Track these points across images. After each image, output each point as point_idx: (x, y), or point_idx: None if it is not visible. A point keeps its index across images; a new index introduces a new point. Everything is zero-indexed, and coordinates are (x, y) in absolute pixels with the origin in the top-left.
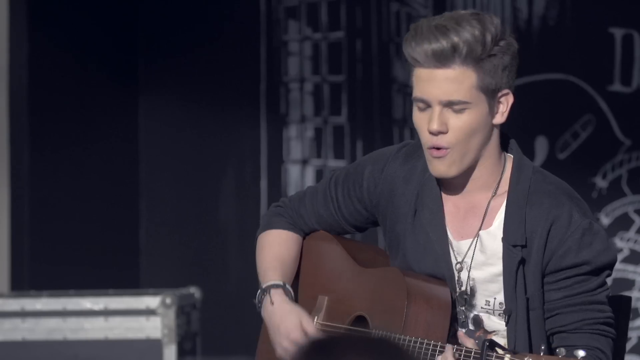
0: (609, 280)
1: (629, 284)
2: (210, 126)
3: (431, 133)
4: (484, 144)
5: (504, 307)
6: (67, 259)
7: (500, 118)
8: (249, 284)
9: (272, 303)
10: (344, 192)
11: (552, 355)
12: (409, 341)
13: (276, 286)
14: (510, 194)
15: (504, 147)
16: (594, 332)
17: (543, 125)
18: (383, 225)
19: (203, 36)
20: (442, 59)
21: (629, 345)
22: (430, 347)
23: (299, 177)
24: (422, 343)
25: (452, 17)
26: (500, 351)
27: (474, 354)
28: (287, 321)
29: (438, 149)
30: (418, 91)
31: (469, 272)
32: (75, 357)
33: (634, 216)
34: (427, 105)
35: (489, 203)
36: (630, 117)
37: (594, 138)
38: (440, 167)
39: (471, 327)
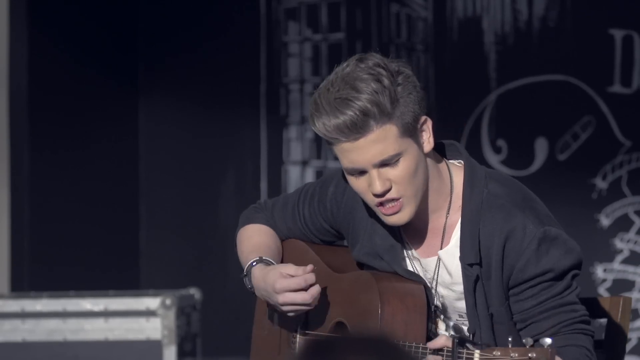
0: (577, 280)
1: (629, 285)
2: (210, 127)
3: (376, 195)
4: (427, 177)
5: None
6: (67, 260)
7: (428, 146)
8: None
9: (255, 269)
10: (310, 210)
11: (520, 347)
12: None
13: (255, 262)
14: (463, 211)
15: (447, 154)
16: (574, 331)
17: (543, 126)
18: (349, 245)
19: (203, 37)
20: (358, 129)
21: (629, 346)
22: (412, 348)
23: (299, 178)
24: (403, 345)
25: (345, 81)
26: (470, 347)
27: (446, 351)
28: (269, 280)
29: (391, 204)
30: (348, 162)
31: (436, 289)
32: (75, 358)
33: (634, 217)
34: (362, 172)
35: (445, 223)
36: (630, 118)
37: (594, 139)
38: (396, 219)
39: (453, 332)
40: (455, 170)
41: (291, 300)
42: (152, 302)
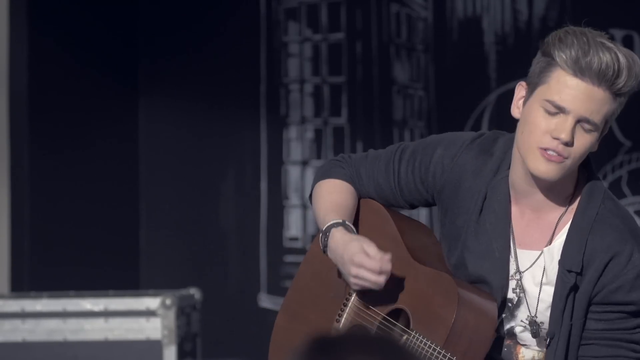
0: None
1: None
2: (210, 127)
3: (557, 139)
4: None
5: (546, 329)
6: (67, 260)
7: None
8: (249, 285)
9: (336, 232)
10: (407, 169)
11: None
12: (439, 353)
13: (336, 224)
14: (575, 217)
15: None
16: None
17: None
18: (442, 214)
19: (203, 37)
20: (602, 78)
21: None
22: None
23: (299, 178)
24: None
25: (613, 43)
26: None
27: None
28: (349, 249)
29: (554, 153)
30: (558, 97)
31: (523, 283)
32: (75, 358)
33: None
34: (560, 112)
35: (558, 221)
36: (630, 118)
37: None
38: (549, 168)
39: (503, 334)
40: (582, 177)
41: (362, 276)
42: (152, 302)
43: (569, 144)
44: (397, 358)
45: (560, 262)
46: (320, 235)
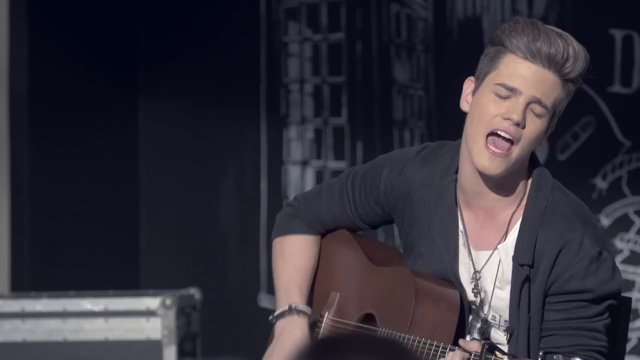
0: (610, 312)
1: (629, 285)
2: (210, 127)
3: (507, 119)
4: (526, 159)
5: (507, 324)
6: (67, 260)
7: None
8: (249, 285)
9: (298, 328)
10: (360, 193)
11: None
12: (414, 341)
13: (305, 313)
14: (526, 211)
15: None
16: (586, 358)
17: None
18: (399, 227)
19: (203, 38)
20: (552, 62)
21: (629, 346)
22: (433, 347)
23: (299, 178)
24: (425, 343)
25: (564, 33)
26: (499, 354)
27: (474, 356)
28: (277, 348)
29: (500, 147)
30: (509, 79)
31: (482, 284)
32: (75, 358)
33: (634, 217)
34: (511, 95)
35: (510, 219)
36: (630, 118)
37: (594, 139)
38: (493, 164)
39: (476, 336)
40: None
41: None
42: (152, 302)
43: (520, 124)
44: (398, 357)
45: (514, 257)
46: (285, 309)
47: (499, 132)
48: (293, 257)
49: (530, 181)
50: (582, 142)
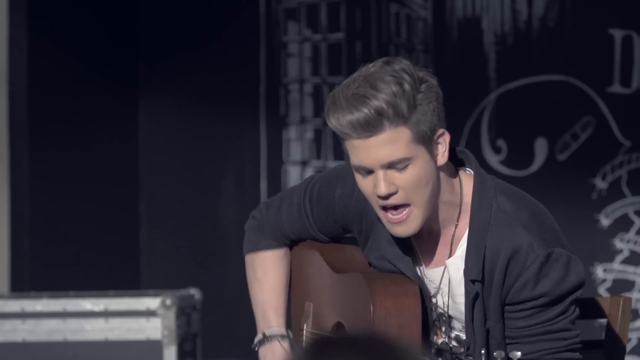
0: (574, 304)
1: (629, 285)
2: (210, 127)
3: (380, 197)
4: (437, 189)
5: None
6: (67, 260)
7: (442, 159)
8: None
9: (278, 355)
10: (318, 210)
11: None
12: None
13: (283, 337)
14: (471, 224)
15: (456, 162)
16: None
17: (543, 126)
18: (358, 241)
19: (203, 38)
20: (370, 128)
21: (629, 347)
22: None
23: (298, 178)
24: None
25: (366, 79)
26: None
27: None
28: None
29: (396, 214)
30: (357, 160)
31: (446, 298)
32: (75, 358)
33: (633, 217)
34: (370, 171)
35: (454, 231)
36: (630, 118)
37: (594, 139)
38: (402, 229)
39: (455, 343)
40: (466, 180)
41: None
42: (152, 302)
43: (393, 192)
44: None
45: (464, 273)
46: (263, 337)
47: (390, 214)
48: (265, 275)
49: (466, 189)
50: (582, 142)
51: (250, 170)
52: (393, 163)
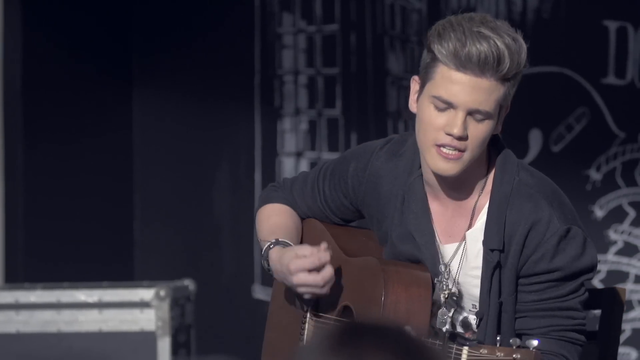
0: (586, 286)
1: (623, 276)
2: (204, 119)
3: (450, 135)
4: (483, 151)
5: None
6: (61, 252)
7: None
8: (243, 277)
9: (274, 250)
10: (330, 187)
11: (507, 346)
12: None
13: (271, 245)
14: (492, 196)
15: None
16: (561, 338)
17: (537, 118)
18: (370, 222)
19: (197, 29)
20: (484, 68)
21: (622, 338)
22: None
23: (293, 169)
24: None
25: (492, 27)
26: (460, 343)
27: (437, 345)
28: (284, 261)
29: (451, 150)
30: (444, 92)
31: (457, 275)
32: (69, 349)
33: (628, 209)
34: (449, 107)
35: (475, 203)
36: (624, 109)
37: (588, 131)
38: (448, 167)
39: (460, 329)
40: (494, 157)
41: (304, 281)
42: (146, 294)
43: (462, 137)
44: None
45: (484, 243)
46: (262, 262)
47: (444, 149)
48: (270, 218)
49: (493, 163)
50: (576, 133)
51: (244, 162)
52: (479, 112)
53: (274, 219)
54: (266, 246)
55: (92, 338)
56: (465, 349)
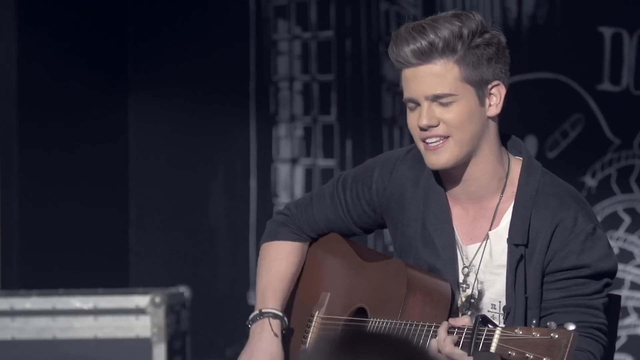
0: (607, 290)
1: (619, 282)
2: (199, 125)
3: (421, 129)
4: (480, 136)
5: (503, 304)
6: (56, 258)
7: (494, 109)
8: (238, 283)
9: (265, 331)
10: (352, 195)
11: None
12: (404, 324)
13: (275, 316)
14: (518, 195)
15: (512, 149)
16: (587, 335)
17: (532, 124)
18: (392, 229)
19: (193, 35)
20: (421, 56)
21: (618, 344)
22: (425, 328)
23: (288, 176)
24: (417, 325)
25: (432, 18)
26: (491, 326)
27: (467, 329)
28: (252, 347)
29: (434, 141)
30: (406, 92)
31: (477, 275)
32: (64, 356)
33: (623, 215)
34: (417, 104)
35: (497, 205)
36: (619, 116)
37: (584, 137)
38: (438, 157)
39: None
40: (514, 161)
41: None
42: (141, 300)
43: (434, 125)
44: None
45: (508, 239)
46: (257, 313)
47: (427, 141)
48: (275, 261)
49: (514, 167)
50: (572, 140)
51: (239, 168)
52: (438, 96)
53: (278, 265)
54: (272, 312)
55: (88, 345)
56: (498, 329)
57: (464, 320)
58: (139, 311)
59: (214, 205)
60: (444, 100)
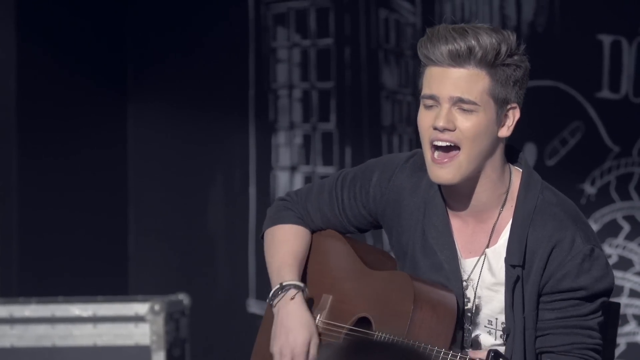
0: (603, 307)
1: (618, 290)
2: (199, 133)
3: (436, 129)
4: (488, 155)
5: (504, 326)
6: (55, 266)
7: (506, 131)
8: (237, 291)
9: (292, 301)
10: (349, 195)
11: None
12: (418, 347)
13: (297, 287)
14: (516, 212)
15: (511, 159)
16: (582, 356)
17: (531, 132)
18: (389, 234)
19: (192, 43)
20: (457, 59)
21: (617, 352)
22: (434, 352)
23: (287, 183)
24: (425, 348)
25: (473, 25)
26: None
27: None
28: (298, 331)
29: (444, 155)
30: (428, 88)
31: (475, 290)
32: None
33: (622, 222)
34: (435, 103)
35: (496, 221)
36: (618, 123)
37: (583, 145)
38: (441, 173)
39: (469, 350)
40: (515, 173)
41: None
42: (140, 308)
43: (450, 129)
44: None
45: (505, 259)
46: (277, 287)
47: (436, 143)
48: (285, 243)
49: (514, 181)
50: (571, 147)
51: (239, 176)
52: (462, 100)
53: (289, 246)
54: (292, 283)
55: (87, 352)
56: None
57: (482, 355)
58: (138, 319)
59: (213, 213)
60: (467, 106)
